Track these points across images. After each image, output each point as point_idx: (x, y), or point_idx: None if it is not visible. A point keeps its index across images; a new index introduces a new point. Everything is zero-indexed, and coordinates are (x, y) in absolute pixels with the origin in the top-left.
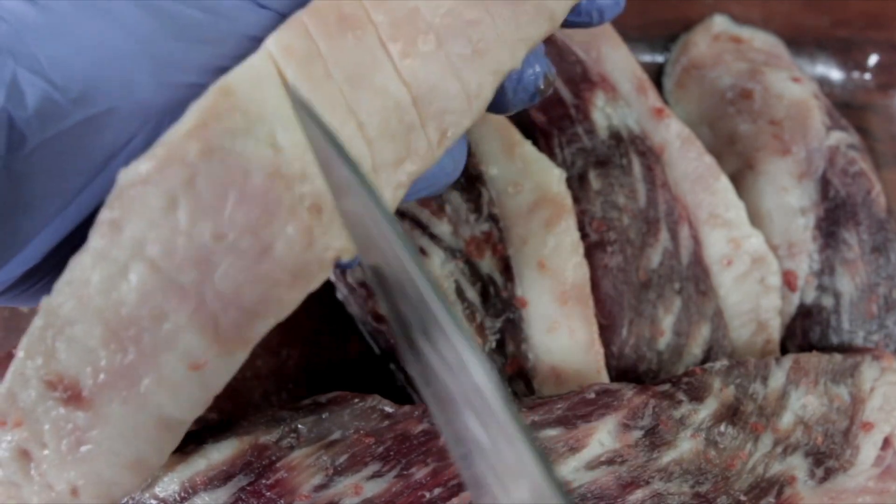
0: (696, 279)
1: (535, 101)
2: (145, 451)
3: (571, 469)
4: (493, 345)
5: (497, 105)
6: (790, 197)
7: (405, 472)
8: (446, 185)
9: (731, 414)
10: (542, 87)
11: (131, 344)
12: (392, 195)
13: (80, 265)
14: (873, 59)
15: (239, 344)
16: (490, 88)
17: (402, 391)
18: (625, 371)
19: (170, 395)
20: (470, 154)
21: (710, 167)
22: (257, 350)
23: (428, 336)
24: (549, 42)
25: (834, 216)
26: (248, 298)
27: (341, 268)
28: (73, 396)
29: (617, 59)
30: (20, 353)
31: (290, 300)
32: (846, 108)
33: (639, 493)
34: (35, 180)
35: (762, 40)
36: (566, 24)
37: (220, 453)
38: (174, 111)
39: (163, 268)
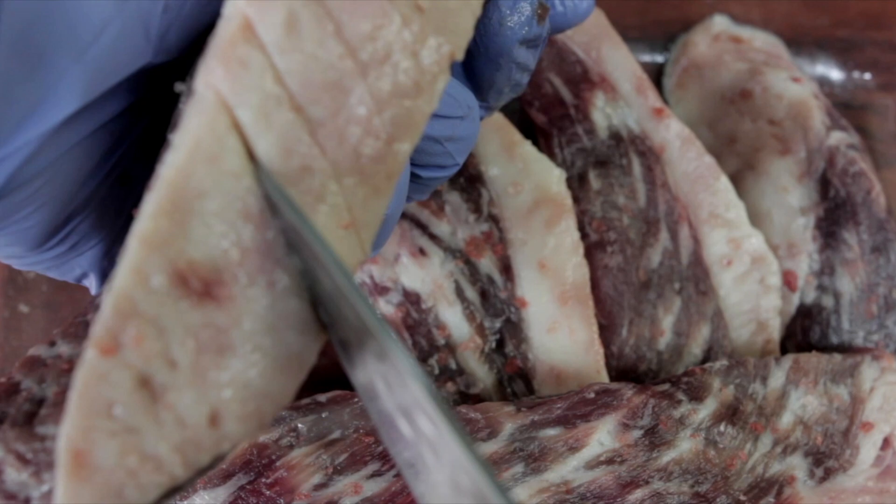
0: (696, 279)
1: (531, 33)
2: (297, 344)
3: (571, 468)
4: (493, 345)
5: (492, 35)
6: (790, 197)
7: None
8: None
9: (731, 414)
10: (537, 8)
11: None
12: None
13: (198, 118)
14: (873, 59)
15: (383, 179)
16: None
17: None
18: (625, 371)
19: None
20: (470, 154)
21: (710, 167)
22: None
23: (366, 351)
24: (549, 42)
25: (834, 216)
26: (382, 121)
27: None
28: (209, 290)
29: (617, 59)
30: (133, 246)
31: (419, 113)
32: (846, 108)
33: (638, 493)
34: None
35: (762, 40)
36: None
37: None
38: None
39: (302, 104)
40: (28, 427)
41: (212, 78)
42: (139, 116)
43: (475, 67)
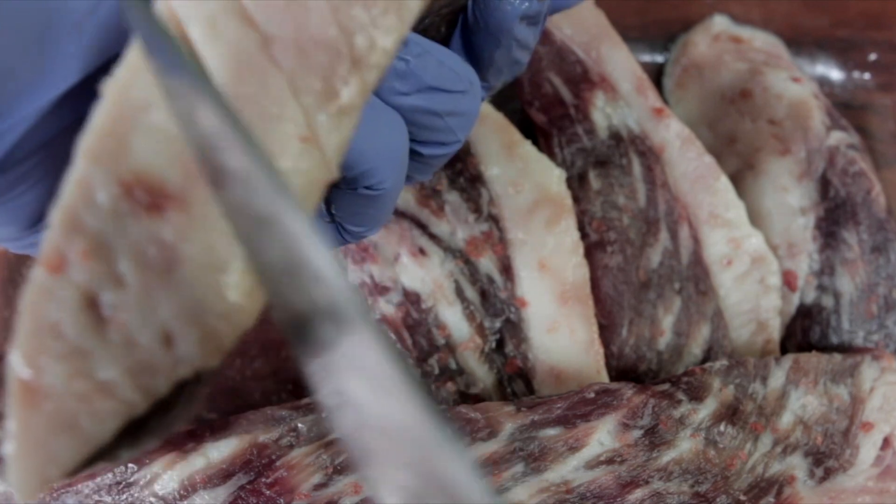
0: (696, 279)
1: (532, 9)
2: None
3: (571, 468)
4: (493, 345)
5: (492, 10)
6: (790, 197)
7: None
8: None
9: (731, 414)
10: None
11: None
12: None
13: None
14: (873, 59)
15: (356, 76)
16: None
17: None
18: (625, 371)
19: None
20: (470, 154)
21: (710, 167)
22: (257, 350)
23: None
24: (549, 42)
25: (834, 216)
26: (340, 36)
27: (355, 240)
28: (157, 201)
29: (617, 59)
30: (79, 163)
31: (383, 33)
32: (846, 108)
33: (638, 493)
34: None
35: (762, 40)
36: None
37: (219, 452)
38: None
39: (255, 18)
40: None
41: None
42: None
43: (475, 44)
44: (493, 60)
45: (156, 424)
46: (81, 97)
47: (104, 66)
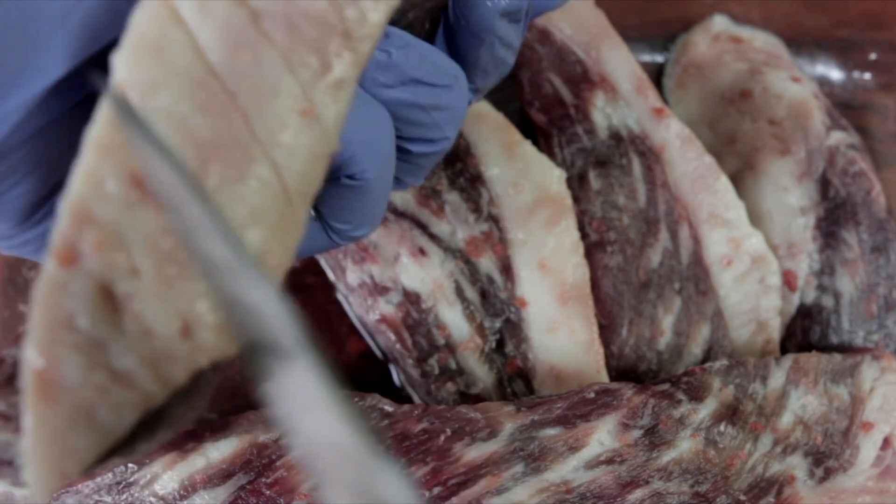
0: (696, 279)
1: (512, 5)
2: (270, 245)
3: (571, 468)
4: (493, 345)
5: (472, 7)
6: (790, 197)
7: (404, 471)
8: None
9: (731, 414)
10: None
11: (229, 100)
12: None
13: (141, 14)
14: (873, 59)
15: (349, 49)
16: None
17: (402, 391)
18: (625, 371)
19: (287, 155)
20: (470, 154)
21: (710, 167)
22: None
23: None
24: (549, 42)
25: (834, 216)
26: (332, 8)
27: (344, 241)
28: None
29: (617, 59)
30: (88, 155)
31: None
32: (846, 108)
33: (638, 493)
34: None
35: (762, 40)
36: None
37: (219, 452)
38: None
39: None
40: (8, 386)
41: None
42: None
43: (458, 44)
44: (478, 60)
45: (171, 416)
46: (70, 89)
47: (93, 57)
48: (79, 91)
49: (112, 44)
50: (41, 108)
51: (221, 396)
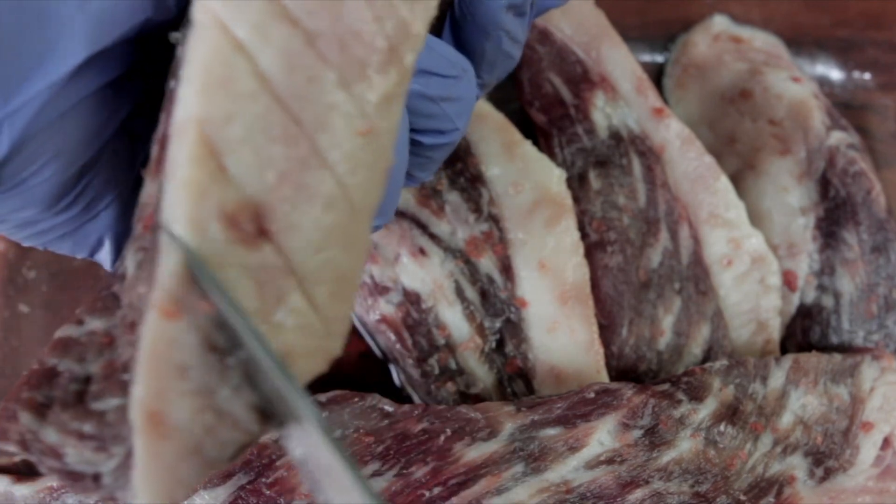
0: (696, 279)
1: None
2: (344, 261)
3: (571, 468)
4: (493, 345)
5: (478, 1)
6: (790, 197)
7: (405, 471)
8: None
9: (731, 414)
10: None
11: (294, 125)
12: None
13: (202, 46)
14: (873, 59)
15: (396, 62)
16: None
17: (402, 390)
18: (625, 371)
19: (349, 166)
20: (470, 154)
21: (710, 167)
22: None
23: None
24: (549, 42)
25: (834, 216)
26: (380, 27)
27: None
28: (259, 226)
29: (617, 59)
30: (181, 197)
31: (416, 19)
32: (846, 108)
33: (638, 493)
34: None
35: (762, 40)
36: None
37: None
38: None
39: (297, 16)
40: (81, 406)
41: (208, 3)
42: (145, 75)
43: (464, 38)
44: (485, 53)
45: (261, 435)
46: (91, 74)
47: (114, 44)
48: (100, 76)
49: (130, 39)
50: (63, 93)
51: None
